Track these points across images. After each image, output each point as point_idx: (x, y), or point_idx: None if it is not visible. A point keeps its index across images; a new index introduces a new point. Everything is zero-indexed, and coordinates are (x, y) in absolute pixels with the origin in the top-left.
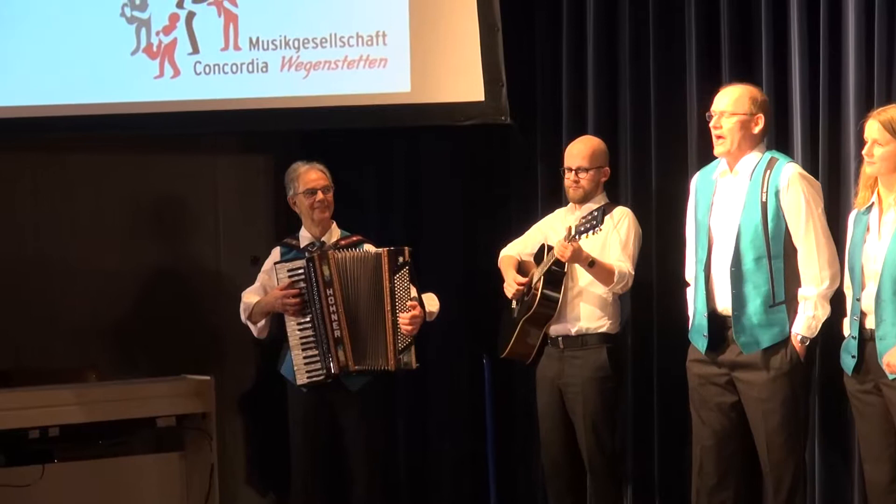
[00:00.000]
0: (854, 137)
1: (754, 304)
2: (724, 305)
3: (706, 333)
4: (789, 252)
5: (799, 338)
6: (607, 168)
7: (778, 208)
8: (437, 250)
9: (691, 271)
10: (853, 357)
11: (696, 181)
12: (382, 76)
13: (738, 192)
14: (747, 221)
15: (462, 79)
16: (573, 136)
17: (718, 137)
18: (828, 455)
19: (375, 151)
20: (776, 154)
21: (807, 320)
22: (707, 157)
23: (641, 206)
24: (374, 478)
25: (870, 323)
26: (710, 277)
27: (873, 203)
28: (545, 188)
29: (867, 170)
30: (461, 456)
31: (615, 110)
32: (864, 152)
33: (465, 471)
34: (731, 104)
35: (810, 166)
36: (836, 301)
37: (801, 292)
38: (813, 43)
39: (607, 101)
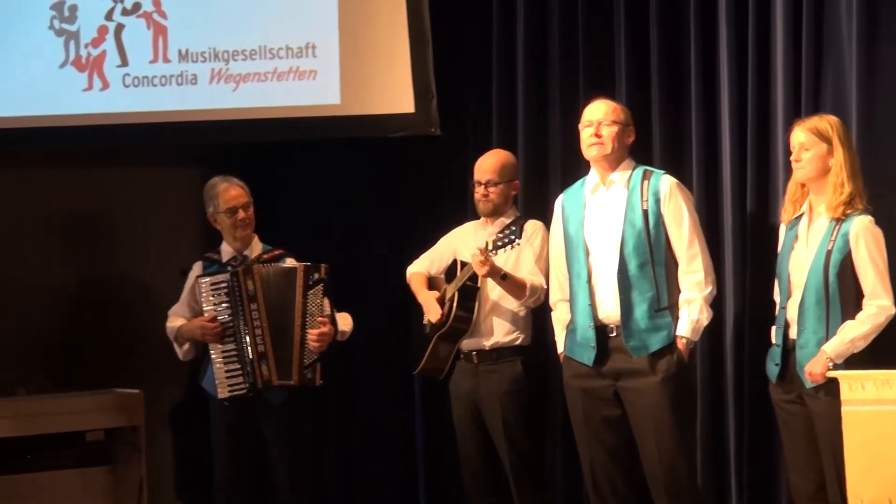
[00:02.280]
0: (782, 150)
1: (641, 310)
2: (607, 313)
3: (594, 345)
4: (669, 260)
5: (684, 341)
6: (517, 182)
7: (658, 215)
8: (368, 264)
9: (559, 292)
10: (777, 365)
11: (563, 200)
12: (312, 88)
13: (615, 203)
14: (630, 229)
15: (392, 90)
16: (503, 147)
17: (597, 144)
18: (756, 463)
19: (306, 164)
20: (648, 167)
21: (691, 324)
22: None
23: None
24: (301, 491)
25: (793, 332)
26: (593, 289)
27: (804, 213)
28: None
29: (797, 174)
30: (393, 472)
31: (545, 121)
32: (792, 158)
33: (397, 487)
34: (609, 113)
35: (738, 179)
36: (767, 308)
37: (684, 297)
38: (741, 61)
39: (537, 113)
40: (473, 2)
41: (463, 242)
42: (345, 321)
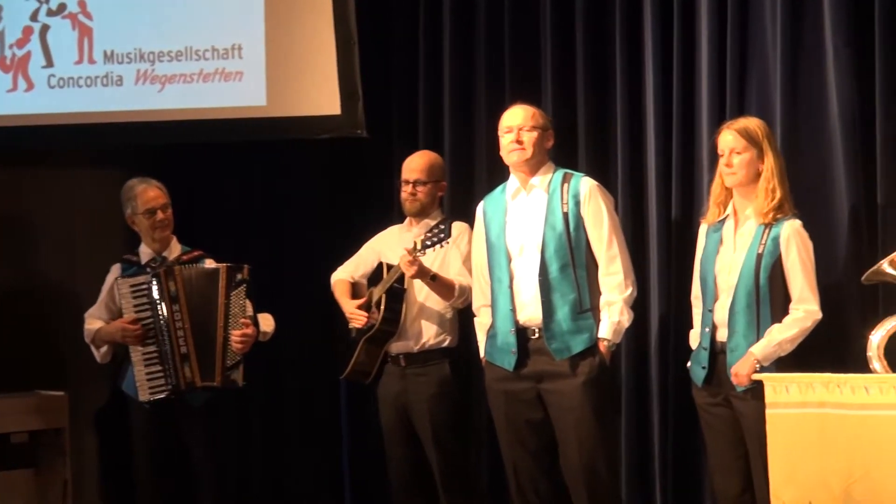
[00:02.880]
0: (707, 154)
1: (563, 312)
2: (529, 317)
3: (515, 350)
4: (590, 262)
5: (606, 343)
6: (444, 183)
7: (578, 217)
8: (293, 266)
9: (482, 298)
10: (703, 368)
11: (484, 206)
12: (238, 90)
13: (535, 207)
14: (551, 232)
15: (318, 92)
16: (429, 150)
17: (518, 149)
18: (680, 465)
19: (232, 165)
20: (568, 170)
21: (612, 326)
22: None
23: None
24: (223, 494)
25: (721, 335)
26: (514, 294)
27: (728, 216)
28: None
29: (727, 181)
30: (319, 475)
31: (471, 125)
32: (723, 164)
33: (323, 490)
34: (528, 119)
35: (663, 181)
36: (687, 313)
37: (604, 299)
38: (666, 65)
39: (463, 116)
40: (400, 4)
41: (388, 246)
42: (266, 322)
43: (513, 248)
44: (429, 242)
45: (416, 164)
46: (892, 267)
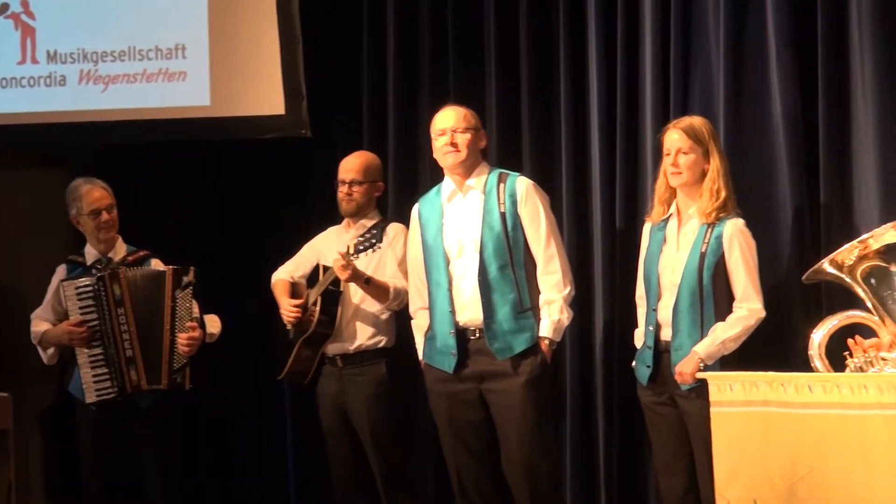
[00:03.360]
0: (651, 153)
1: (503, 311)
2: (469, 318)
3: (455, 352)
4: (529, 261)
5: (547, 342)
6: (381, 183)
7: (516, 216)
8: (237, 267)
9: (419, 300)
10: (648, 367)
11: (419, 208)
12: (182, 90)
13: (472, 209)
14: (489, 232)
15: (262, 92)
16: (373, 150)
17: (453, 152)
18: (625, 464)
19: (177, 165)
20: (503, 170)
21: (552, 324)
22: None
23: None
24: (170, 494)
25: (666, 334)
26: (453, 295)
27: (671, 215)
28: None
29: (672, 181)
30: (264, 474)
31: (415, 125)
32: (669, 163)
33: (269, 489)
34: (461, 121)
35: (607, 181)
36: (631, 312)
37: (543, 298)
38: (610, 65)
39: (407, 117)
40: (344, 3)
41: (326, 247)
42: (213, 323)
43: (451, 249)
44: (361, 247)
45: (351, 165)
46: (832, 267)
